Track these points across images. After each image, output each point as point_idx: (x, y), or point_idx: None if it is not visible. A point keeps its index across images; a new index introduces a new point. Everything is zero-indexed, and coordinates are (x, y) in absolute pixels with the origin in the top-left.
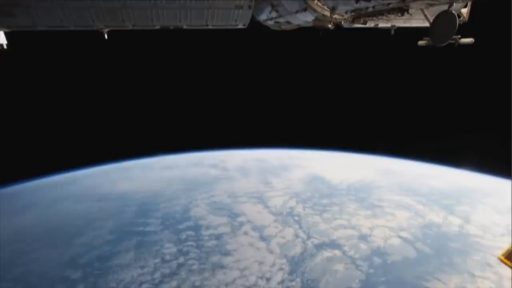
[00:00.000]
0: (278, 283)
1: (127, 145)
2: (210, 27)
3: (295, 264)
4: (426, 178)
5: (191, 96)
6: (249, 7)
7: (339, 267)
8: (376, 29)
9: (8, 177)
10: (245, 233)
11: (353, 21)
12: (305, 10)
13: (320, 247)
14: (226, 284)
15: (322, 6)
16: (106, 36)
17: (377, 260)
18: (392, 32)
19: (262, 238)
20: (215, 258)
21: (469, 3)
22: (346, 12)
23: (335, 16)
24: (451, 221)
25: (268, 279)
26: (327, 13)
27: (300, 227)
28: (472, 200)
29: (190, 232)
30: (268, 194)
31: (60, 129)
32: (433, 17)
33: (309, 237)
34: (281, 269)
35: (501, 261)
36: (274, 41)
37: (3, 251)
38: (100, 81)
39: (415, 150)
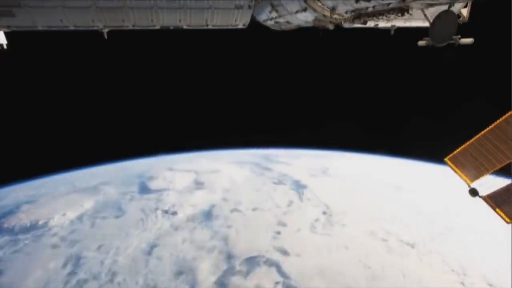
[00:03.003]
0: None
1: (120, 145)
2: (210, 27)
3: None
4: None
5: (189, 96)
6: (249, 7)
7: None
8: (376, 29)
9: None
10: None
11: (353, 21)
12: (305, 10)
13: None
14: None
15: (322, 6)
16: (106, 36)
17: None
18: (392, 32)
19: None
20: None
21: (469, 3)
22: (346, 12)
23: (335, 16)
24: None
25: None
26: (327, 13)
27: None
28: None
29: None
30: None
31: (60, 128)
32: (433, 17)
33: None
34: None
35: (446, 163)
36: (274, 41)
37: None
38: (100, 81)
39: (414, 149)
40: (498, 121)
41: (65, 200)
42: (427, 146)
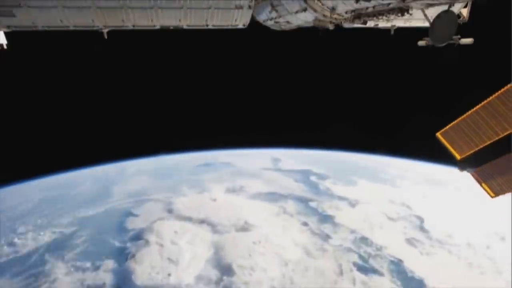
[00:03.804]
0: None
1: (121, 145)
2: (210, 27)
3: None
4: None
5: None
6: (249, 7)
7: None
8: (376, 29)
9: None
10: None
11: (353, 21)
12: (305, 10)
13: None
14: None
15: (322, 6)
16: (106, 36)
17: None
18: (392, 32)
19: None
20: None
21: (469, 3)
22: (346, 12)
23: (335, 16)
24: None
25: None
26: (327, 13)
27: None
28: None
29: None
30: None
31: (60, 129)
32: (433, 17)
33: None
34: None
35: (438, 138)
36: (274, 41)
37: None
38: (100, 81)
39: (413, 149)
40: (490, 98)
41: None
42: (427, 146)
